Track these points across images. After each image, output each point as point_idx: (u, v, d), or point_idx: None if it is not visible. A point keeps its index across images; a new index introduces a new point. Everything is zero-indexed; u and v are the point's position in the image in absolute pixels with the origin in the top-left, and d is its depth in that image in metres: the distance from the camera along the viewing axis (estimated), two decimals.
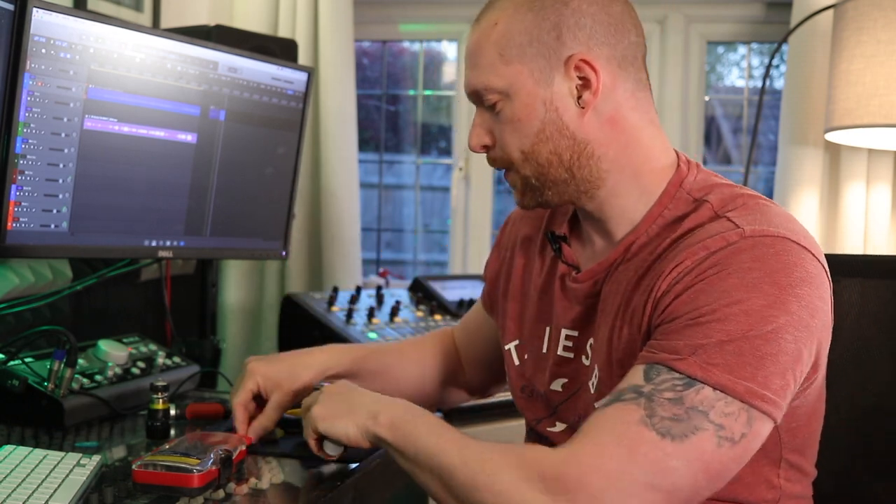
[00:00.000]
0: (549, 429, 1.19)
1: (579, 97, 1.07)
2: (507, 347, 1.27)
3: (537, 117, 1.08)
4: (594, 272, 1.13)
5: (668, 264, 1.01)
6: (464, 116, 2.71)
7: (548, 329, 1.20)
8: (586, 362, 1.14)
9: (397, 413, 1.07)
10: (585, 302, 1.14)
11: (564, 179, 1.10)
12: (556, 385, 1.18)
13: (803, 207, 2.26)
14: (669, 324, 0.97)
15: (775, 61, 2.47)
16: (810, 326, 0.96)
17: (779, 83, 2.65)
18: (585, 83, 1.07)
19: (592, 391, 1.11)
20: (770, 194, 2.39)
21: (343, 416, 1.11)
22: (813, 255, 0.98)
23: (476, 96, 1.12)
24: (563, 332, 1.17)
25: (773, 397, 0.93)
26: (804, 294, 0.95)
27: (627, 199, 1.11)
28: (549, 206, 1.15)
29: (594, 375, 1.10)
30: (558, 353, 1.17)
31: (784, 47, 2.36)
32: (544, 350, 1.20)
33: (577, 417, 1.14)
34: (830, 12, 2.19)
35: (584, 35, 1.07)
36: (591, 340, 1.13)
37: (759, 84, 2.35)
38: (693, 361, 0.93)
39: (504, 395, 1.45)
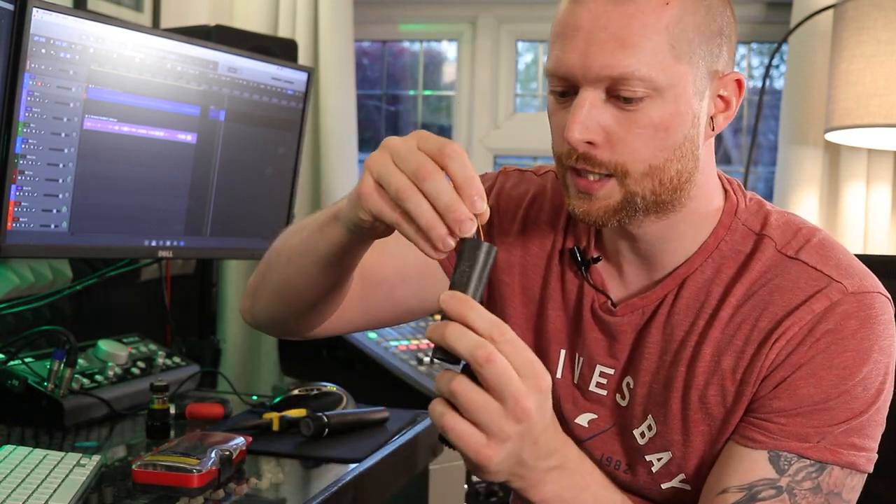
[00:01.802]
0: None
1: (712, 118, 0.97)
2: None
3: (682, 131, 0.93)
4: (637, 306, 1.03)
5: (763, 323, 0.95)
6: (463, 116, 2.72)
7: (563, 353, 1.09)
8: (622, 403, 1.04)
9: (561, 485, 0.87)
10: (625, 338, 1.04)
11: (666, 203, 0.96)
12: (583, 420, 1.07)
13: (803, 207, 2.26)
14: (793, 407, 0.94)
15: (775, 61, 2.47)
16: (893, 373, 0.98)
17: (779, 83, 2.64)
18: (726, 105, 0.98)
19: (641, 441, 1.03)
20: (770, 194, 2.39)
21: (506, 475, 0.83)
22: (891, 302, 0.98)
23: (609, 81, 0.90)
24: (599, 368, 1.06)
25: (876, 454, 0.96)
26: (894, 349, 0.97)
27: (688, 227, 1.01)
28: (614, 225, 0.98)
29: (644, 426, 1.03)
30: (590, 388, 1.06)
31: (784, 47, 2.36)
32: (558, 375, 1.08)
33: (602, 457, 1.06)
34: (830, 12, 2.19)
35: (733, 50, 0.97)
36: (627, 379, 1.04)
37: (759, 84, 2.35)
38: (823, 446, 0.93)
39: None
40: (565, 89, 0.94)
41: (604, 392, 1.06)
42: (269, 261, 1.11)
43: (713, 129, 0.98)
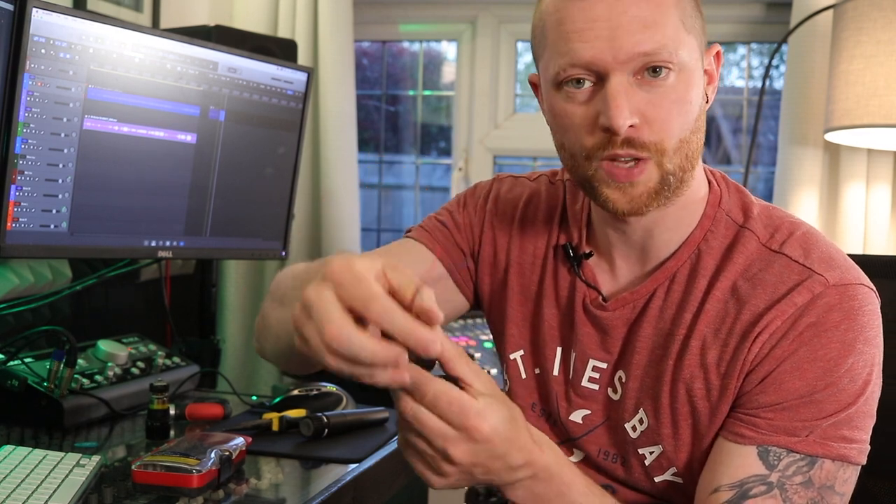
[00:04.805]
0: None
1: (705, 91, 1.00)
2: (511, 356, 1.14)
3: (697, 102, 0.96)
4: (627, 300, 1.04)
5: (745, 317, 0.96)
6: (463, 116, 2.72)
7: (559, 350, 1.10)
8: (614, 397, 1.06)
9: (533, 491, 0.86)
10: (617, 332, 1.05)
11: (686, 180, 0.98)
12: (577, 416, 1.08)
13: (803, 207, 2.26)
14: (779, 401, 0.94)
15: (775, 61, 2.47)
16: (880, 364, 0.98)
17: (778, 83, 2.64)
18: (710, 77, 1.01)
19: (633, 434, 1.03)
20: (770, 194, 2.39)
21: (468, 483, 0.83)
22: (875, 294, 0.98)
23: (641, 61, 0.92)
24: (591, 362, 1.07)
25: (868, 446, 0.96)
26: (880, 341, 0.97)
27: (679, 214, 1.02)
28: (651, 211, 0.98)
29: (636, 419, 1.03)
30: (583, 383, 1.07)
31: (784, 47, 2.36)
32: (555, 373, 1.10)
33: (600, 452, 1.07)
34: (830, 13, 2.19)
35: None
36: (619, 373, 1.05)
37: (759, 84, 2.35)
38: (812, 440, 0.93)
39: None
40: (582, 77, 0.94)
41: (595, 387, 1.07)
42: (264, 322, 1.07)
43: (707, 102, 1.01)
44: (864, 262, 1.02)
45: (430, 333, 0.72)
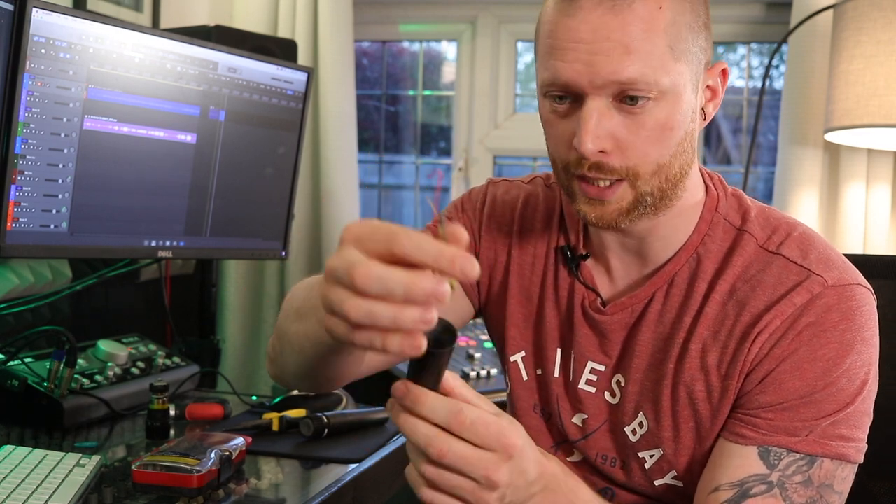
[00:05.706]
0: (567, 458, 1.10)
1: (702, 108, 0.99)
2: (512, 359, 1.14)
3: (683, 126, 0.95)
4: (626, 305, 1.04)
5: (745, 318, 0.97)
6: (463, 116, 2.72)
7: (559, 351, 1.10)
8: (612, 401, 1.06)
9: (548, 499, 0.84)
10: (615, 336, 1.05)
11: (668, 198, 0.98)
12: (577, 419, 1.08)
13: (803, 207, 2.26)
14: (779, 401, 0.94)
15: (775, 61, 2.47)
16: (877, 363, 0.98)
17: (778, 83, 2.64)
18: (713, 93, 1.00)
19: (633, 438, 1.03)
20: (770, 194, 2.39)
21: (510, 496, 0.80)
22: (872, 294, 0.99)
23: (617, 87, 0.91)
24: (590, 364, 1.07)
25: (865, 444, 0.97)
26: (876, 340, 0.98)
27: (675, 220, 1.02)
28: (625, 226, 0.99)
29: (636, 423, 1.03)
30: (580, 386, 1.07)
31: (784, 47, 2.36)
32: (555, 374, 1.10)
33: (598, 455, 1.07)
34: (830, 13, 2.19)
35: (712, 39, 0.99)
36: (617, 377, 1.05)
37: (759, 84, 2.35)
38: (812, 440, 0.94)
39: None
40: (564, 94, 0.95)
41: (593, 389, 1.07)
42: (281, 341, 1.04)
43: (704, 119, 1.01)
44: (864, 262, 1.02)
45: (466, 253, 0.64)
